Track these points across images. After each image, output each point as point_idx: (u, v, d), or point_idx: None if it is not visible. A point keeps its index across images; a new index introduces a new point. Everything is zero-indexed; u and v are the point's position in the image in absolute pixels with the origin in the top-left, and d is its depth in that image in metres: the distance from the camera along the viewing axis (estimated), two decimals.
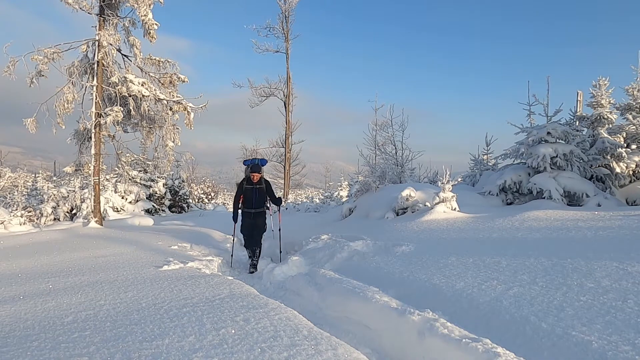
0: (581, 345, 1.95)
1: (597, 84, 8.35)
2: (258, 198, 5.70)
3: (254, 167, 5.65)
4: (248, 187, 5.68)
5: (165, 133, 10.52)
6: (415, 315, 2.41)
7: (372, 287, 3.13)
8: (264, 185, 5.75)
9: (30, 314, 2.43)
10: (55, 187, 12.07)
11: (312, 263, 4.93)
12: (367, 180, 10.49)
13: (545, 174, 7.57)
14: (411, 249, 4.40)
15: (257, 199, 5.69)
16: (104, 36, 9.29)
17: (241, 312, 2.31)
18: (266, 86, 19.42)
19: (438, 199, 6.73)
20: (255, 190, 5.69)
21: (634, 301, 2.31)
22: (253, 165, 5.69)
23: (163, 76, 10.46)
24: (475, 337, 2.07)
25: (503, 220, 5.22)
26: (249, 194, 5.69)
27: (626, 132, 8.27)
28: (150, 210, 14.56)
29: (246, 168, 5.91)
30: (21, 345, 1.88)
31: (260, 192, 5.72)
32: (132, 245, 5.84)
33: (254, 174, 5.60)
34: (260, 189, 5.71)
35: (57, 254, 5.24)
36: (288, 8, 18.88)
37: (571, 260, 3.15)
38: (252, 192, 5.68)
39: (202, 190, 24.09)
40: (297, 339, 1.91)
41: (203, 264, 4.72)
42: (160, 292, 2.88)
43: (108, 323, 2.19)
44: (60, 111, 9.37)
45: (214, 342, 1.87)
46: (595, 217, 4.87)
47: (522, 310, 2.39)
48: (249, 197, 5.69)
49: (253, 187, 5.67)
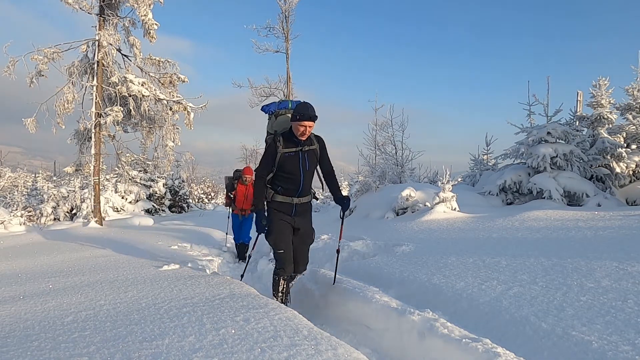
0: (581, 345, 1.95)
1: (597, 84, 8.35)
2: (308, 172, 3.02)
3: (302, 111, 2.84)
4: (288, 153, 2.93)
5: (165, 133, 10.53)
6: (415, 315, 2.41)
7: (372, 287, 3.13)
8: (316, 147, 3.05)
9: (30, 314, 2.43)
10: (55, 187, 12.08)
11: (312, 263, 4.92)
12: (367, 180, 10.49)
13: (545, 174, 7.57)
14: (411, 249, 4.40)
15: (306, 176, 3.01)
16: (104, 36, 9.29)
17: (241, 312, 2.31)
18: (266, 86, 19.40)
19: (438, 199, 6.73)
20: (304, 156, 2.98)
21: (634, 301, 2.31)
22: (301, 107, 2.88)
23: (163, 76, 10.47)
24: (475, 337, 2.07)
25: (503, 220, 5.22)
26: (292, 166, 2.95)
27: (626, 132, 8.27)
28: (150, 210, 14.56)
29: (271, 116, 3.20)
30: (21, 345, 1.88)
31: (311, 162, 3.02)
32: (132, 245, 5.84)
33: (305, 123, 2.84)
34: (311, 154, 3.02)
35: (57, 254, 5.24)
36: (288, 8, 18.86)
37: (571, 260, 3.15)
38: (298, 160, 2.96)
39: (202, 190, 24.10)
40: (297, 339, 1.91)
41: (203, 264, 4.72)
42: (160, 292, 2.88)
43: (108, 323, 2.19)
44: (60, 111, 9.37)
45: (214, 342, 1.87)
46: (595, 217, 4.87)
47: (522, 310, 2.39)
48: (291, 173, 2.97)
49: (299, 150, 2.96)
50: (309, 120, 2.83)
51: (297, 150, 2.95)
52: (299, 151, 2.96)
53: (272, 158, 2.95)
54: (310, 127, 2.88)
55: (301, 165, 2.96)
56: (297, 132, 2.88)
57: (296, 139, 2.91)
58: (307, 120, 2.82)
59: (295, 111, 2.87)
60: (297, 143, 2.94)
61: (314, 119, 2.85)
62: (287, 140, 2.94)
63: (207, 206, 20.28)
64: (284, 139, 2.94)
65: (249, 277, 5.18)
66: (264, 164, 3.00)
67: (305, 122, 2.83)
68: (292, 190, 3.01)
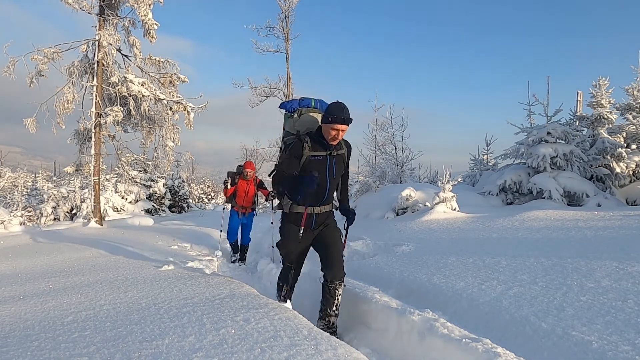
0: (581, 345, 1.95)
1: (597, 84, 8.36)
2: (334, 180, 2.78)
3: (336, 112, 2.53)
4: (315, 156, 2.65)
5: (165, 133, 10.54)
6: (415, 315, 2.41)
7: (372, 287, 3.13)
8: (345, 152, 2.80)
9: (30, 314, 2.43)
10: (55, 187, 12.08)
11: (312, 263, 4.92)
12: (367, 180, 10.49)
13: (545, 174, 7.58)
14: (411, 249, 4.40)
15: (332, 184, 2.76)
16: (104, 36, 9.30)
17: (241, 312, 2.31)
18: (266, 86, 19.40)
19: (438, 199, 6.73)
20: (332, 162, 2.71)
21: (634, 301, 2.31)
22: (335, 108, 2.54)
23: (163, 76, 10.47)
24: (475, 337, 2.07)
25: (503, 220, 5.22)
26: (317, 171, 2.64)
27: (626, 132, 8.28)
28: (150, 210, 14.56)
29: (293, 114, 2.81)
30: (21, 345, 1.88)
31: (339, 168, 2.78)
32: (132, 245, 5.84)
33: (339, 127, 2.54)
34: (339, 160, 2.77)
35: (57, 254, 5.24)
36: (288, 8, 18.87)
37: (571, 260, 3.15)
38: (325, 166, 2.68)
39: (202, 190, 24.11)
40: (297, 339, 1.91)
41: (203, 264, 4.72)
42: (160, 292, 2.88)
43: (108, 323, 2.19)
44: (60, 111, 9.38)
45: (214, 342, 1.87)
46: (595, 217, 4.87)
47: (522, 310, 2.39)
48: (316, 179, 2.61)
49: (327, 155, 2.68)
50: (342, 123, 2.51)
51: (326, 154, 2.65)
52: (327, 156, 2.66)
53: (298, 159, 2.60)
54: (344, 131, 2.57)
55: (328, 172, 2.68)
56: (328, 136, 2.57)
57: (325, 142, 2.62)
58: (341, 123, 2.51)
59: (327, 112, 2.54)
60: (325, 147, 2.64)
61: (349, 122, 2.54)
62: (315, 143, 2.63)
63: (207, 206, 20.29)
64: (312, 140, 2.63)
65: (249, 277, 5.18)
66: (289, 163, 2.63)
67: (339, 125, 2.51)
68: (315, 198, 2.71)
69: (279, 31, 19.13)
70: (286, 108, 2.84)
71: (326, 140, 2.61)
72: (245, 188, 5.90)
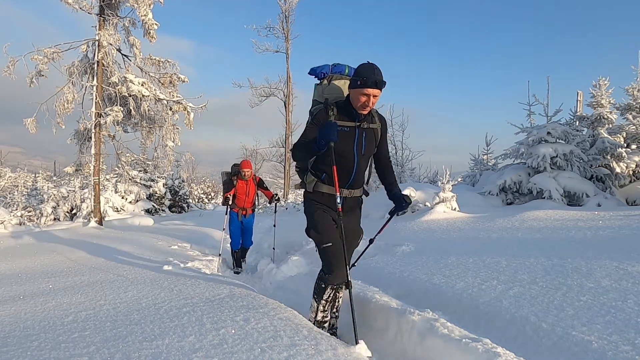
0: (581, 345, 1.95)
1: (597, 84, 8.36)
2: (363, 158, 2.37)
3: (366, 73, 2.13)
4: (341, 127, 2.26)
5: (165, 133, 10.54)
6: (415, 315, 2.41)
7: (372, 287, 3.13)
8: (378, 126, 2.41)
9: (30, 314, 2.43)
10: (55, 187, 12.09)
11: (312, 263, 4.92)
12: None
13: (545, 174, 7.58)
14: (411, 249, 4.40)
15: (361, 162, 2.36)
16: (104, 36, 9.30)
17: (241, 312, 2.31)
18: (266, 86, 19.44)
19: (438, 199, 6.73)
20: (361, 135, 2.33)
21: (634, 301, 2.31)
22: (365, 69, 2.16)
23: (163, 76, 10.47)
24: (475, 337, 2.07)
25: (503, 220, 5.22)
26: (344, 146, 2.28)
27: (626, 132, 8.28)
28: (150, 210, 14.56)
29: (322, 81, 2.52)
30: (21, 345, 1.88)
31: (369, 144, 2.37)
32: (132, 245, 5.84)
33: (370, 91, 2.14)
34: (370, 135, 2.37)
35: (57, 254, 5.24)
36: (288, 8, 18.89)
37: (571, 260, 3.15)
38: (353, 140, 2.31)
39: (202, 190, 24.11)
40: (297, 339, 1.91)
41: (203, 264, 4.72)
42: (160, 292, 2.88)
43: (108, 323, 2.19)
44: (60, 111, 9.38)
45: (214, 342, 1.87)
46: (595, 217, 4.87)
47: (522, 310, 2.39)
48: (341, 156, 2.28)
49: (355, 127, 2.30)
50: (374, 87, 2.10)
51: (354, 126, 2.27)
52: (356, 128, 2.28)
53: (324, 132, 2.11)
54: (376, 97, 2.16)
55: (356, 147, 2.29)
56: (357, 103, 2.18)
57: (354, 111, 2.24)
58: (372, 87, 2.10)
59: (356, 74, 2.16)
60: (354, 117, 2.26)
61: (382, 86, 2.13)
62: (341, 112, 2.27)
63: (207, 206, 20.28)
64: (338, 110, 2.27)
65: (249, 277, 5.18)
66: (309, 134, 2.27)
67: (370, 89, 2.10)
68: (342, 179, 2.29)
69: (279, 31, 19.16)
70: (315, 73, 2.54)
71: (355, 109, 2.23)
72: (245, 189, 5.59)
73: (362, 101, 2.16)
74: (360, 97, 2.16)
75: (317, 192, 2.39)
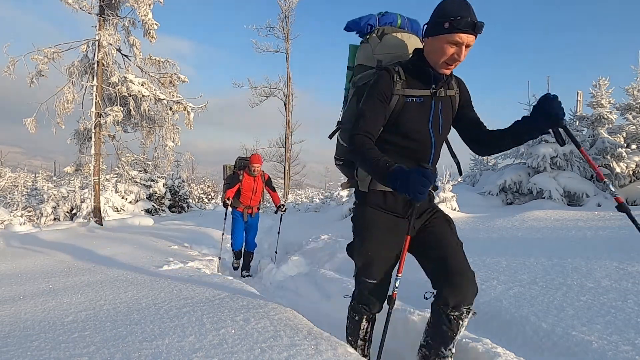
0: (581, 345, 1.95)
1: (597, 84, 8.37)
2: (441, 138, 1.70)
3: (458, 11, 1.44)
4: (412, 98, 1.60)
5: (165, 133, 10.54)
6: (415, 316, 2.41)
7: None
8: (456, 93, 1.71)
9: (30, 314, 2.43)
10: (55, 187, 12.08)
11: (312, 263, 4.92)
12: None
13: (545, 174, 7.58)
14: None
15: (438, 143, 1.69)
16: (104, 36, 9.30)
17: (241, 312, 2.31)
18: (266, 86, 19.45)
19: (438, 199, 6.73)
20: (437, 107, 1.65)
21: (634, 301, 2.31)
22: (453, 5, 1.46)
23: (163, 76, 10.48)
24: (475, 337, 2.07)
25: (503, 220, 5.22)
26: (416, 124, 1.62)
27: (626, 132, 8.28)
28: (150, 210, 14.56)
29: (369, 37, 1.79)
30: (21, 345, 1.88)
31: (447, 118, 1.70)
32: (132, 245, 5.84)
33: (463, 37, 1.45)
34: (447, 105, 1.69)
35: (57, 254, 5.24)
36: (288, 8, 18.90)
37: (571, 260, 3.15)
38: (428, 114, 1.63)
39: (202, 190, 24.10)
40: (297, 339, 1.91)
41: (203, 264, 4.72)
42: (160, 292, 2.88)
43: (108, 323, 2.19)
44: (60, 111, 9.38)
45: (214, 342, 1.87)
46: (595, 217, 4.87)
47: (522, 310, 2.39)
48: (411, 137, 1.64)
49: (431, 96, 1.62)
50: (470, 31, 1.44)
51: (429, 95, 1.60)
52: (432, 97, 1.61)
53: (383, 105, 1.57)
54: (469, 48, 1.49)
55: (432, 124, 1.62)
56: (441, 57, 1.50)
57: (430, 72, 1.56)
58: (467, 30, 1.44)
59: (441, 14, 1.48)
60: (429, 81, 1.59)
61: (480, 29, 1.46)
62: (410, 77, 1.59)
63: (207, 206, 20.28)
64: (406, 73, 1.59)
65: (249, 277, 5.18)
66: (370, 114, 1.56)
67: (464, 34, 1.45)
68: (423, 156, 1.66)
69: (279, 31, 19.18)
70: (358, 27, 1.80)
71: (432, 67, 1.55)
72: (252, 186, 5.04)
73: (450, 54, 1.49)
74: (447, 49, 1.48)
75: (376, 193, 1.71)
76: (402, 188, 1.36)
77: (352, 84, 1.83)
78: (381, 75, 1.60)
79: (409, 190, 1.35)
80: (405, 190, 1.36)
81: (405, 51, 1.73)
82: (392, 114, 1.61)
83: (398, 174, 1.38)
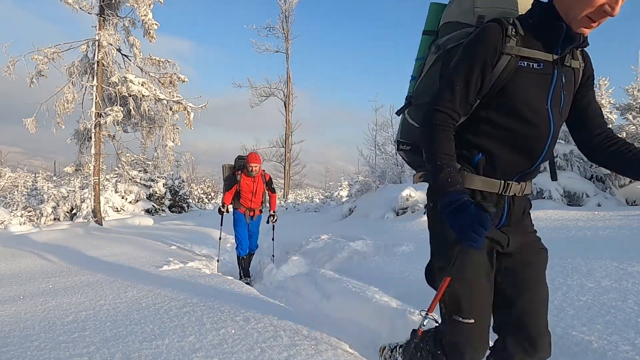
0: (581, 345, 1.95)
1: (597, 84, 8.36)
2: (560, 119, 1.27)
3: None
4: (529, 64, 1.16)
5: (165, 133, 10.55)
6: (415, 316, 2.41)
7: (372, 287, 3.13)
8: (580, 66, 1.27)
9: (30, 314, 2.43)
10: (55, 187, 12.08)
11: (312, 263, 4.92)
12: (367, 180, 10.50)
13: (545, 174, 7.57)
14: (411, 249, 4.39)
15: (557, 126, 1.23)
16: (104, 36, 9.30)
17: (241, 312, 2.31)
18: (266, 86, 19.46)
19: None
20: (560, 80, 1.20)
21: (634, 301, 2.31)
22: None
23: (163, 76, 10.48)
24: None
25: None
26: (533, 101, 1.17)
27: (626, 132, 8.27)
28: (150, 210, 14.57)
29: None
30: (21, 345, 1.88)
31: (569, 94, 1.26)
32: (132, 245, 5.84)
33: None
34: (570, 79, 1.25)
35: (56, 254, 5.24)
36: (288, 8, 18.91)
37: (571, 260, 3.15)
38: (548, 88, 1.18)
39: (202, 190, 24.10)
40: (297, 339, 1.91)
41: (203, 264, 4.72)
42: (160, 292, 2.88)
43: (108, 323, 2.19)
44: (60, 111, 9.39)
45: (214, 342, 1.87)
46: (595, 217, 4.87)
47: None
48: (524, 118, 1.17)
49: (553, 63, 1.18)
50: None
51: (551, 62, 1.19)
52: (554, 65, 1.19)
53: (483, 72, 1.17)
54: None
55: (551, 101, 1.20)
56: (584, 10, 1.09)
57: (561, 31, 1.14)
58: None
59: None
60: (555, 43, 1.17)
61: None
62: (530, 35, 1.18)
63: (207, 206, 20.28)
64: (525, 29, 1.18)
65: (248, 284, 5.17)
66: (461, 85, 1.18)
67: None
68: (516, 163, 1.24)
69: (279, 31, 19.19)
70: None
71: (569, 24, 1.14)
72: (252, 187, 4.70)
73: (598, 4, 1.06)
74: None
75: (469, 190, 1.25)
76: (453, 221, 1.07)
77: (436, 47, 1.36)
78: (488, 27, 1.17)
79: (462, 229, 1.05)
80: (456, 226, 1.06)
81: (518, 7, 1.27)
82: (497, 81, 1.17)
83: (454, 200, 1.07)
